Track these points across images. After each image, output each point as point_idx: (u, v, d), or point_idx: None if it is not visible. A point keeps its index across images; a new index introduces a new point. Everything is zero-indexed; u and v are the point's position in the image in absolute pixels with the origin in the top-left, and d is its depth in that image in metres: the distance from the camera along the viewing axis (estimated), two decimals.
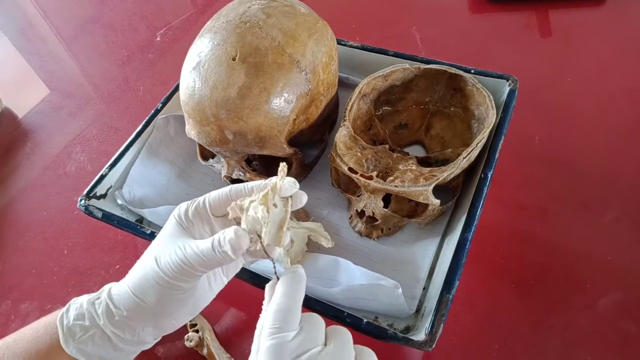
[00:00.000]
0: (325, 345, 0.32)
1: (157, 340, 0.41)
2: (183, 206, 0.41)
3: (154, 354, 0.55)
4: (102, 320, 0.37)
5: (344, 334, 0.33)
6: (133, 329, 0.38)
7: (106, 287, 0.40)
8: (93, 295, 0.40)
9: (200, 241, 0.37)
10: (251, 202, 0.38)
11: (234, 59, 0.50)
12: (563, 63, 0.78)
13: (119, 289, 0.39)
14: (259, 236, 0.37)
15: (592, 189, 0.62)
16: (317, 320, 0.34)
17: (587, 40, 0.81)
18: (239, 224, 0.38)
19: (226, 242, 0.36)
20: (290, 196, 0.39)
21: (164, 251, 0.38)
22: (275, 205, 0.38)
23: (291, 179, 0.39)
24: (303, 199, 0.41)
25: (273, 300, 0.34)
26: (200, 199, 0.41)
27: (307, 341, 0.31)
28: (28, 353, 0.38)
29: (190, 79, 0.52)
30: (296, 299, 0.34)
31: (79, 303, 0.39)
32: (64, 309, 0.39)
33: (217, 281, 0.41)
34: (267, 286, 0.37)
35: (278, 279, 0.36)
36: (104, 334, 0.37)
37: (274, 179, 0.39)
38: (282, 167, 0.39)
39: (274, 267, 0.38)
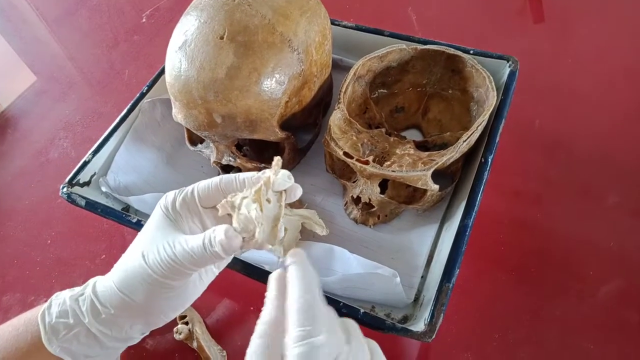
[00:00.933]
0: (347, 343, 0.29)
1: (145, 335, 0.39)
2: (170, 195, 0.38)
3: (143, 348, 0.53)
4: (87, 318, 0.35)
5: (357, 328, 0.31)
6: (120, 327, 0.36)
7: (90, 282, 0.37)
8: (76, 290, 0.37)
9: (190, 237, 0.35)
10: (243, 198, 0.35)
11: (221, 38, 0.47)
12: (563, 44, 0.76)
13: (104, 285, 0.36)
14: (253, 235, 0.34)
15: (593, 174, 0.60)
16: (334, 314, 0.31)
17: (587, 21, 0.79)
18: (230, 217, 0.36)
19: (217, 243, 0.33)
20: (284, 190, 0.37)
21: (151, 247, 0.35)
22: (268, 200, 0.36)
23: (286, 172, 0.37)
24: (298, 192, 0.38)
25: (291, 297, 0.30)
26: (189, 189, 0.38)
27: (335, 343, 0.28)
28: (7, 351, 0.36)
29: (176, 60, 0.49)
30: (316, 293, 0.30)
31: (61, 299, 0.37)
32: (45, 305, 0.37)
33: (207, 273, 0.39)
34: (272, 278, 0.33)
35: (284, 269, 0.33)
36: (90, 332, 0.35)
37: (267, 172, 0.37)
38: (277, 161, 0.37)
39: (279, 259, 0.35)
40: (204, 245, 0.34)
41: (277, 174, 0.36)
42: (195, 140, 0.61)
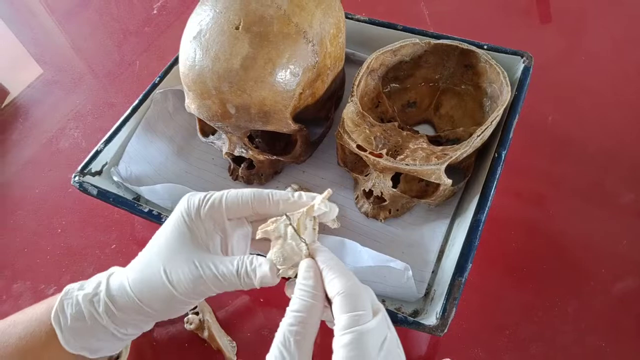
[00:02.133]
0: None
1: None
2: (194, 201, 0.36)
3: (153, 338, 0.53)
4: (105, 320, 0.35)
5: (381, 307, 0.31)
6: (137, 327, 0.37)
7: (102, 280, 0.37)
8: (88, 290, 0.36)
9: (218, 261, 0.34)
10: (286, 226, 0.35)
11: (237, 28, 0.47)
12: (577, 41, 0.75)
13: (120, 290, 0.36)
14: (293, 266, 0.34)
15: (606, 171, 0.60)
16: (373, 294, 0.30)
17: (602, 17, 0.78)
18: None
19: (257, 278, 0.33)
20: (315, 216, 0.37)
21: (174, 265, 0.35)
22: (305, 226, 0.36)
23: (326, 202, 0.36)
24: (335, 212, 0.38)
25: (334, 284, 0.29)
26: (216, 197, 0.37)
27: (382, 327, 0.28)
28: (21, 350, 0.35)
29: (191, 49, 0.49)
30: (356, 279, 0.30)
31: (73, 299, 0.36)
32: (56, 305, 0.36)
33: None
34: (303, 266, 0.33)
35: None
36: (107, 330, 0.36)
37: (303, 195, 0.36)
38: (327, 193, 0.37)
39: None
40: (237, 275, 0.33)
41: (319, 203, 0.36)
42: (207, 131, 0.61)
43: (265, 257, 0.35)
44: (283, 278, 0.35)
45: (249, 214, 0.37)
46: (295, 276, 0.34)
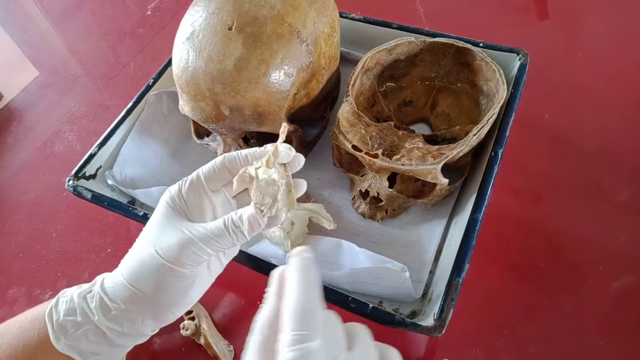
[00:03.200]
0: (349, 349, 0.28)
1: (154, 333, 0.38)
2: (174, 188, 0.38)
3: (149, 344, 0.53)
4: (97, 316, 0.35)
5: (365, 334, 0.29)
6: (132, 322, 0.35)
7: (98, 279, 0.37)
8: (84, 287, 0.36)
9: (207, 223, 0.36)
10: (256, 169, 0.36)
11: (230, 29, 0.47)
12: (573, 38, 0.75)
13: (113, 281, 0.36)
14: (274, 200, 0.36)
15: (603, 169, 0.59)
16: (336, 319, 0.29)
17: (598, 15, 0.78)
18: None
19: (245, 220, 0.35)
20: (287, 163, 0.38)
21: (162, 236, 0.35)
22: (275, 167, 0.37)
23: (286, 145, 0.37)
24: (301, 161, 0.39)
25: (289, 297, 0.29)
26: (193, 175, 0.38)
27: (333, 348, 0.27)
28: (14, 348, 0.35)
29: (184, 51, 0.49)
30: (315, 295, 0.29)
31: (68, 296, 0.36)
32: (52, 302, 0.36)
33: (215, 265, 0.39)
34: (274, 274, 0.31)
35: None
36: (98, 330, 0.35)
37: (268, 146, 0.38)
38: (284, 127, 0.38)
39: (286, 252, 0.35)
40: (225, 227, 0.35)
41: (280, 145, 0.37)
42: (201, 133, 0.61)
43: None
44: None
45: (227, 178, 0.39)
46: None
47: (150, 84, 0.65)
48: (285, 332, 0.27)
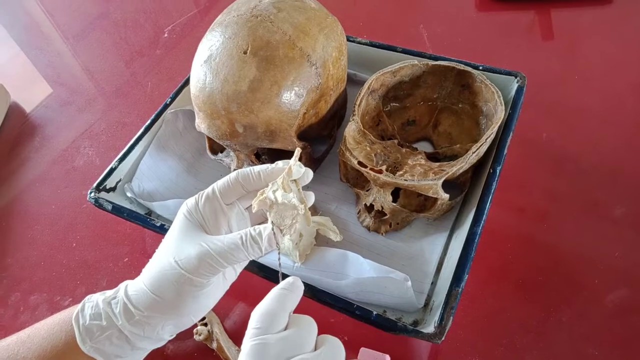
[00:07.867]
0: (315, 350, 0.31)
1: (172, 337, 0.41)
2: (191, 201, 0.41)
3: (163, 348, 0.55)
4: (121, 321, 0.37)
5: (336, 345, 0.32)
6: (153, 327, 0.38)
7: (121, 286, 0.40)
8: (109, 294, 0.39)
9: (224, 236, 0.38)
10: (274, 192, 0.39)
11: (245, 53, 0.50)
12: (570, 61, 0.78)
13: (135, 288, 0.38)
14: (295, 220, 0.38)
15: (599, 187, 0.62)
16: (308, 324, 0.33)
17: (595, 39, 0.81)
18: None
19: (265, 237, 0.37)
20: (296, 179, 0.41)
21: (181, 248, 0.38)
22: (290, 188, 0.39)
23: (298, 162, 0.40)
24: (310, 176, 0.42)
25: (262, 302, 0.33)
26: (208, 189, 0.41)
27: (293, 345, 0.30)
28: (43, 349, 0.38)
29: (202, 72, 0.52)
30: (285, 306, 0.33)
31: (94, 302, 0.39)
32: (79, 307, 0.39)
33: (230, 273, 0.42)
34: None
35: (282, 277, 0.36)
36: (122, 334, 0.38)
37: (279, 163, 0.41)
38: (297, 152, 0.41)
39: (295, 263, 0.38)
40: (243, 242, 0.37)
41: (295, 164, 0.40)
42: (216, 149, 0.64)
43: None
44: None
45: (241, 193, 0.42)
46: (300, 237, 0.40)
47: (167, 102, 0.68)
48: (249, 327, 0.31)
